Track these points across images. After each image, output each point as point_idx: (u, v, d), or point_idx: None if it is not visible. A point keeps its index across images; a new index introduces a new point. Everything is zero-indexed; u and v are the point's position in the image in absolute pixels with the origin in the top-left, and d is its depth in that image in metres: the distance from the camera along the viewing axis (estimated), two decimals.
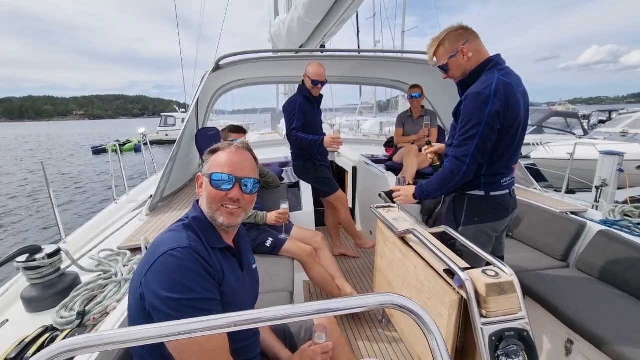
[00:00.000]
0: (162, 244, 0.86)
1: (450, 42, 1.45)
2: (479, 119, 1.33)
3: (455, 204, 1.57)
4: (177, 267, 0.81)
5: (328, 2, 3.02)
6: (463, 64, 1.45)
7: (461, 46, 1.43)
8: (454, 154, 1.43)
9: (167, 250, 0.83)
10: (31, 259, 1.36)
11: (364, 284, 2.62)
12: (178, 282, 0.80)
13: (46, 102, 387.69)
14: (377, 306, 0.64)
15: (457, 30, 1.44)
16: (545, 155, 7.58)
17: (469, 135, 1.37)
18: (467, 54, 1.43)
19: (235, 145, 1.02)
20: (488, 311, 1.02)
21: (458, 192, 1.56)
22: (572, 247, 2.16)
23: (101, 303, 1.32)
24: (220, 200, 0.96)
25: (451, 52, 1.45)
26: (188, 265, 0.83)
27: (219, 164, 0.97)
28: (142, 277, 0.82)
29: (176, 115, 26.09)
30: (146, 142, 4.76)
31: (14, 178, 13.97)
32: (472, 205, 1.51)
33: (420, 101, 3.24)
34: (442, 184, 1.50)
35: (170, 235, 0.91)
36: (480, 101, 1.33)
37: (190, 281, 0.81)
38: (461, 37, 1.43)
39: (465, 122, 1.38)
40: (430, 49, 1.52)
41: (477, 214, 1.51)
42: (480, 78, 1.41)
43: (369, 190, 3.37)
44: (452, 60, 1.46)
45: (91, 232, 2.20)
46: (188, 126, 2.73)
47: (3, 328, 1.26)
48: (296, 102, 2.64)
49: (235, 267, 1.02)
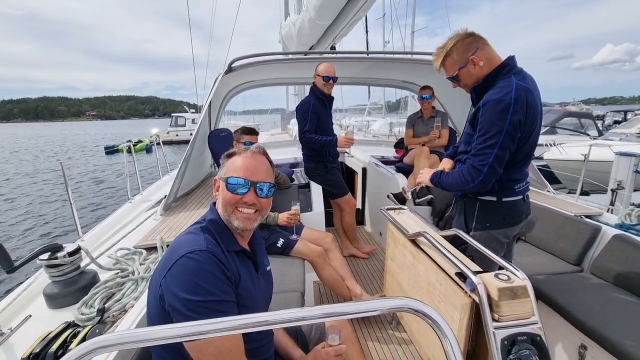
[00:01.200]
0: (181, 246, 0.88)
1: (459, 53, 1.39)
2: (500, 127, 1.29)
3: (466, 209, 1.55)
4: (196, 269, 0.83)
5: (339, 4, 3.04)
6: (475, 73, 1.39)
7: (471, 56, 1.36)
8: (472, 162, 1.38)
9: (186, 253, 0.85)
10: (53, 257, 1.41)
11: (374, 285, 2.63)
12: (197, 284, 0.82)
13: (60, 102, 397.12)
14: (391, 310, 0.65)
15: (464, 39, 1.38)
16: (559, 157, 7.43)
17: (488, 144, 1.32)
18: (478, 63, 1.37)
19: (251, 149, 1.03)
20: (500, 315, 1.02)
21: (469, 197, 1.53)
22: (586, 252, 2.13)
23: (119, 300, 1.36)
24: (235, 203, 0.98)
25: (461, 63, 1.39)
26: (206, 268, 0.85)
27: (234, 168, 0.99)
28: (162, 278, 0.84)
29: (186, 115, 26.46)
30: (159, 142, 4.85)
31: (34, 179, 14.37)
32: (484, 211, 1.48)
33: (431, 102, 3.23)
34: (455, 186, 1.47)
35: (189, 238, 0.93)
36: (500, 109, 1.28)
37: (209, 284, 0.83)
38: (470, 47, 1.37)
39: (485, 131, 1.33)
40: (437, 60, 1.46)
41: (489, 220, 1.48)
42: (497, 84, 1.35)
43: (379, 192, 3.37)
44: (463, 71, 1.40)
45: (107, 231, 2.26)
46: (201, 128, 2.78)
47: (26, 323, 1.31)
48: (309, 103, 2.66)
49: (250, 269, 1.04)
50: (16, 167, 18.13)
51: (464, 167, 1.43)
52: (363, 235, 3.66)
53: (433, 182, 1.63)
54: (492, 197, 1.46)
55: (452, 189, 1.52)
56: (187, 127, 25.17)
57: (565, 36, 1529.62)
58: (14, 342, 1.19)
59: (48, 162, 19.71)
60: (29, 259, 1.35)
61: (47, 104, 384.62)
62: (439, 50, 1.44)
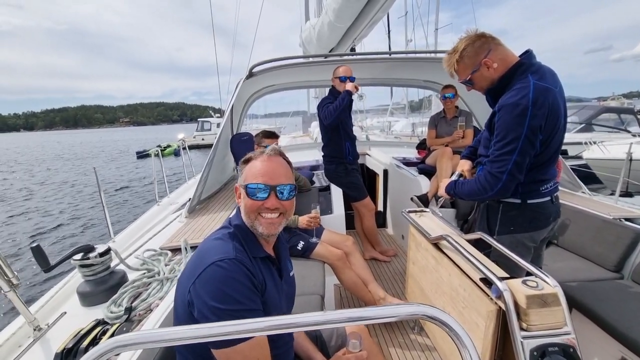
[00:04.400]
0: (210, 253, 0.89)
1: (470, 57, 1.34)
2: (517, 132, 1.22)
3: (489, 212, 1.49)
4: (224, 278, 0.84)
5: (358, 6, 3.03)
6: (489, 76, 1.34)
7: (483, 59, 1.31)
8: (489, 169, 1.33)
9: (216, 261, 0.85)
10: (85, 257, 1.49)
11: (396, 289, 2.58)
12: (225, 293, 0.82)
13: (96, 110, 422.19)
14: (408, 316, 0.63)
15: (475, 42, 1.32)
16: (601, 156, 6.96)
17: (506, 150, 1.26)
18: (491, 65, 1.31)
19: (267, 152, 1.01)
20: (529, 324, 0.97)
21: (488, 202, 1.47)
22: (627, 257, 1.98)
23: (145, 300, 1.41)
24: (257, 209, 0.96)
25: (473, 67, 1.34)
26: (235, 277, 0.85)
27: (253, 174, 0.98)
28: (191, 284, 0.85)
29: (212, 120, 27.31)
30: (185, 147, 5.02)
31: (75, 183, 15.35)
32: (507, 214, 1.42)
33: (454, 102, 3.14)
34: (472, 194, 1.42)
35: (218, 245, 0.93)
36: (517, 113, 1.22)
37: (237, 293, 0.84)
38: (481, 49, 1.32)
39: (502, 137, 1.27)
40: (448, 65, 1.42)
41: (513, 223, 1.41)
42: (513, 85, 1.28)
43: (401, 194, 3.31)
44: (476, 75, 1.36)
45: (136, 233, 2.37)
46: (223, 132, 2.85)
47: (61, 320, 1.39)
48: (328, 99, 2.71)
49: (275, 275, 1.03)
50: (58, 171, 19.43)
51: (481, 175, 1.38)
52: (385, 238, 3.60)
53: (450, 194, 1.58)
54: (516, 199, 1.39)
55: (471, 198, 1.47)
56: (212, 131, 25.99)
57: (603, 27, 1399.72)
58: (50, 337, 1.27)
59: (88, 166, 20.94)
60: (63, 259, 1.43)
61: (84, 112, 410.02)
62: (450, 56, 1.40)
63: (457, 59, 1.37)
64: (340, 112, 2.59)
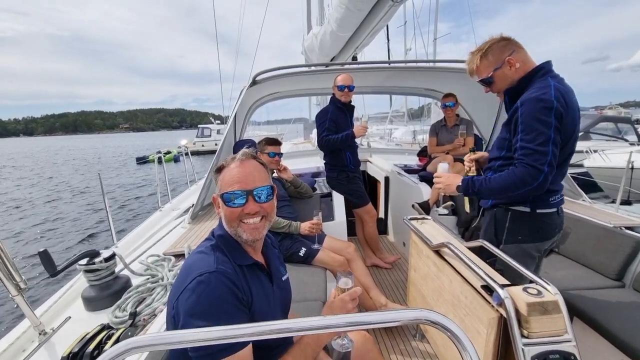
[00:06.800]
0: (192, 268, 0.87)
1: (495, 54, 1.36)
2: (547, 123, 1.21)
3: (497, 220, 1.46)
4: (206, 294, 0.82)
5: (360, 16, 3.08)
6: (510, 75, 1.36)
7: (507, 57, 1.34)
8: (527, 162, 1.24)
9: (196, 277, 0.83)
10: (91, 262, 1.50)
11: (397, 296, 2.58)
12: (207, 310, 0.81)
13: (96, 116, 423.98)
14: (410, 321, 0.64)
15: (500, 42, 1.36)
16: (602, 164, 6.98)
17: (540, 141, 1.22)
18: (514, 64, 1.34)
19: (238, 157, 1.00)
20: (530, 331, 0.98)
21: (499, 206, 1.45)
22: (628, 266, 1.99)
23: (150, 305, 1.42)
24: (238, 217, 0.95)
25: (496, 64, 1.36)
26: (217, 293, 0.83)
27: (228, 182, 0.96)
28: (175, 300, 0.84)
29: (212, 126, 27.42)
30: (187, 153, 5.05)
31: (78, 188, 15.36)
32: (516, 222, 1.40)
33: (454, 110, 3.17)
34: (504, 189, 1.30)
35: (200, 258, 0.91)
36: (542, 105, 1.22)
37: (219, 310, 0.82)
38: (506, 49, 1.35)
39: (530, 129, 1.24)
40: (471, 62, 1.43)
41: (521, 232, 1.40)
42: (532, 85, 1.31)
43: (402, 201, 3.32)
44: (498, 73, 1.37)
45: (139, 238, 2.38)
46: (227, 138, 2.88)
47: (66, 324, 1.40)
48: (327, 111, 2.72)
49: (264, 282, 1.02)
50: (59, 176, 19.44)
51: (516, 168, 1.27)
52: (386, 245, 3.61)
53: (467, 192, 1.44)
54: (526, 207, 1.37)
55: (498, 195, 1.35)
56: (212, 137, 26.08)
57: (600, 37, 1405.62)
58: (55, 341, 1.28)
59: (92, 172, 20.97)
60: (70, 264, 1.44)
61: (84, 118, 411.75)
62: (474, 54, 1.41)
63: (482, 55, 1.38)
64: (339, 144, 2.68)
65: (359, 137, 2.77)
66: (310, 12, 7.01)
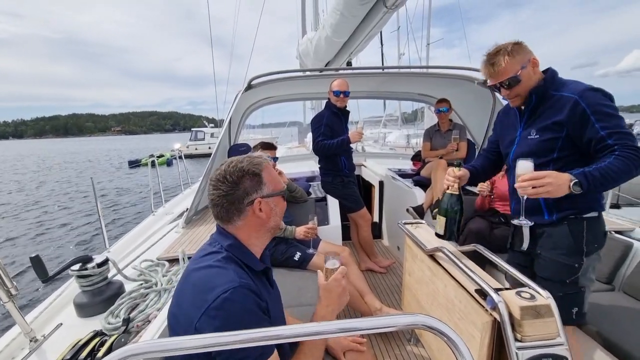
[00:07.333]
0: (212, 284, 0.83)
1: (520, 53, 1.29)
2: (616, 109, 1.17)
3: (574, 233, 1.32)
4: (235, 311, 0.80)
5: (355, 22, 3.11)
6: (532, 76, 1.31)
7: (533, 57, 1.29)
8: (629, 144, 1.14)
9: (221, 294, 0.80)
10: (83, 268, 1.48)
11: (392, 300, 2.59)
12: (235, 325, 0.78)
13: (88, 119, 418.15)
14: (407, 326, 0.65)
15: (520, 43, 1.30)
16: None
17: (623, 124, 1.17)
18: (537, 64, 1.31)
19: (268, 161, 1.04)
20: (523, 335, 0.99)
21: (571, 217, 1.32)
22: (617, 269, 2.03)
23: (143, 311, 1.41)
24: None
25: (522, 63, 1.29)
26: (247, 308, 0.82)
27: (277, 180, 1.01)
28: (197, 321, 0.79)
29: (205, 130, 27.28)
30: (181, 156, 5.02)
31: (68, 191, 15.11)
32: (591, 231, 1.31)
33: (447, 115, 3.22)
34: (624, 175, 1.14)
35: (217, 273, 0.87)
36: (602, 94, 1.19)
37: (246, 321, 0.81)
38: (527, 49, 1.30)
39: (608, 117, 1.17)
40: (497, 62, 1.30)
41: (597, 240, 1.31)
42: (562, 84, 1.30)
43: (397, 205, 3.34)
44: (524, 72, 1.30)
45: (132, 243, 2.35)
46: (221, 142, 2.87)
47: (58, 331, 1.37)
48: (323, 116, 2.73)
49: (267, 285, 1.02)
50: (51, 180, 19.12)
51: (624, 152, 1.14)
52: (380, 249, 3.62)
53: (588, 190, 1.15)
54: (595, 212, 1.31)
55: (616, 183, 1.17)
56: (206, 141, 25.94)
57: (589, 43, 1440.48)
58: (46, 348, 1.26)
59: (81, 176, 20.65)
60: (62, 269, 1.43)
61: (76, 121, 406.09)
62: (497, 53, 1.30)
63: (508, 53, 1.29)
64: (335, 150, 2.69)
65: (354, 143, 2.78)
66: (305, 17, 7.06)
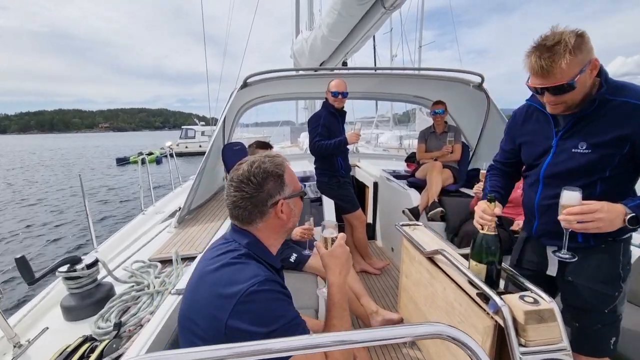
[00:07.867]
0: (236, 280, 0.82)
1: (583, 50, 1.01)
2: None
3: (611, 258, 1.23)
4: (265, 300, 0.80)
5: (352, 22, 3.09)
6: (588, 83, 1.07)
7: (594, 57, 1.04)
8: None
9: (248, 288, 0.79)
10: (72, 269, 1.42)
11: (387, 302, 2.58)
12: (270, 314, 0.79)
13: (74, 115, 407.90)
14: (427, 336, 0.63)
15: (583, 35, 1.01)
16: None
17: None
18: (597, 68, 1.07)
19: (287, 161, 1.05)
20: (527, 340, 0.99)
21: (609, 240, 1.20)
22: None
23: (135, 315, 1.36)
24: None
25: (583, 64, 1.02)
26: (274, 296, 0.82)
27: (296, 180, 1.03)
28: (227, 319, 0.77)
29: (196, 128, 26.95)
30: (172, 154, 4.92)
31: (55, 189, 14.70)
32: (626, 253, 1.24)
33: (443, 117, 3.23)
34: None
35: (239, 269, 0.86)
36: None
37: (280, 309, 0.81)
38: (590, 45, 1.04)
39: None
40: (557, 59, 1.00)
41: (629, 261, 1.25)
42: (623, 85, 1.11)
43: (391, 207, 3.34)
44: (582, 77, 1.03)
45: (121, 243, 2.28)
46: (215, 141, 2.82)
47: (43, 336, 1.31)
48: (320, 116, 2.71)
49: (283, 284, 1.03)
50: (36, 177, 18.58)
51: None
52: (374, 250, 3.61)
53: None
54: (627, 234, 1.22)
55: None
56: (196, 138, 25.63)
57: None
58: (31, 354, 1.19)
59: (67, 173, 20.12)
60: (49, 271, 1.36)
61: (62, 116, 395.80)
62: (554, 46, 1.00)
63: (571, 50, 0.98)
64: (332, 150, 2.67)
65: (351, 145, 2.76)
66: (299, 16, 7.02)
